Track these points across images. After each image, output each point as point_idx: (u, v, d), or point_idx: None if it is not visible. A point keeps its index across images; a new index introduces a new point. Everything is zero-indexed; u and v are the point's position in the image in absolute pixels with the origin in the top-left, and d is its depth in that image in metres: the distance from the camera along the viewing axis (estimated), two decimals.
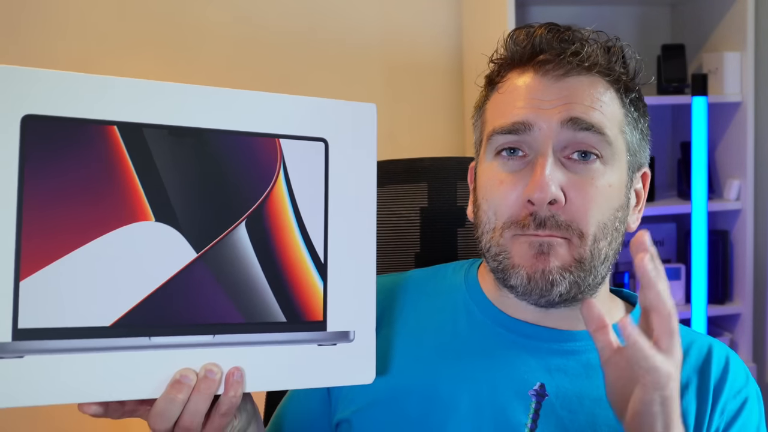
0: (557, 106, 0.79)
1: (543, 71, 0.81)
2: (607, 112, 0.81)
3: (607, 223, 0.80)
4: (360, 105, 0.80)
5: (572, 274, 0.79)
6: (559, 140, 0.79)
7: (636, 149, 0.85)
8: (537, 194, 0.77)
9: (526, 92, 0.81)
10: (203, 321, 0.72)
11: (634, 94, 0.84)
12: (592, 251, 0.79)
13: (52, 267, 0.67)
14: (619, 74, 0.83)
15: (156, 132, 0.71)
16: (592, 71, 0.81)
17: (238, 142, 0.74)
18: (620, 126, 0.82)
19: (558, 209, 0.78)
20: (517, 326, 0.85)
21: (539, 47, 0.82)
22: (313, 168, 0.77)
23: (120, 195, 0.70)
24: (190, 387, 0.70)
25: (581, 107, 0.79)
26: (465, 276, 0.91)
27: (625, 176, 0.83)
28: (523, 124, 0.80)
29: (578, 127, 0.79)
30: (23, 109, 0.67)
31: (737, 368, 0.86)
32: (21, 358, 0.66)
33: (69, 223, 0.68)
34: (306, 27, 2.31)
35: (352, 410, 0.85)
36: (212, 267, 0.73)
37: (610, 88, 0.82)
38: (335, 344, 0.77)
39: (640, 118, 0.85)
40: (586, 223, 0.79)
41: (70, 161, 0.68)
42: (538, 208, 0.78)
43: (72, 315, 0.68)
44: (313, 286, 0.77)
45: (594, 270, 0.80)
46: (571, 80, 0.81)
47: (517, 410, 0.80)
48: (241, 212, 0.74)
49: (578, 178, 0.79)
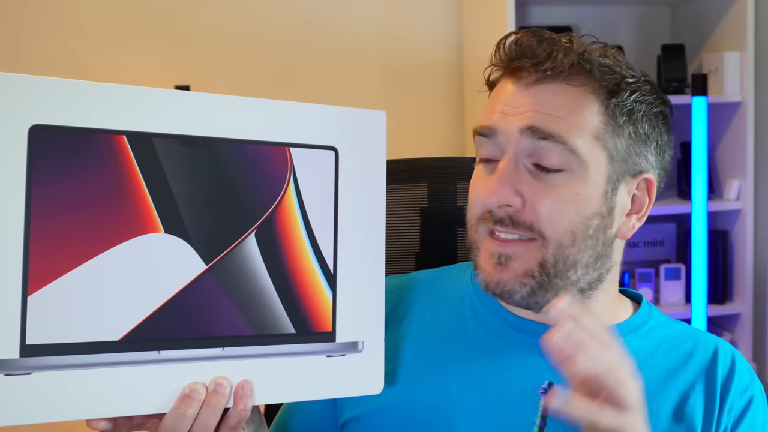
0: (522, 113, 0.80)
1: (517, 77, 0.82)
2: (576, 120, 0.80)
3: (575, 230, 0.80)
4: (370, 112, 0.79)
5: (535, 279, 0.80)
6: (522, 147, 0.80)
7: (624, 156, 0.83)
8: (489, 197, 0.80)
9: (502, 98, 0.83)
10: (212, 334, 0.71)
11: (620, 98, 0.82)
12: (555, 256, 0.79)
13: (60, 281, 0.66)
14: (602, 81, 0.81)
15: (165, 141, 0.70)
16: (562, 78, 0.80)
17: (248, 151, 0.73)
18: (595, 134, 0.80)
19: (513, 212, 0.79)
20: (524, 325, 0.85)
21: (516, 53, 0.82)
22: (323, 177, 0.76)
23: (129, 206, 0.69)
24: (200, 401, 0.70)
25: (543, 116, 0.79)
26: (471, 276, 0.91)
27: (602, 184, 0.81)
28: (489, 128, 0.82)
29: (536, 136, 0.79)
30: (30, 119, 0.65)
31: (743, 367, 0.87)
32: (29, 374, 0.65)
33: (77, 235, 0.67)
34: (305, 27, 2.31)
35: (360, 409, 0.85)
36: (221, 279, 0.72)
37: (586, 95, 0.81)
38: (344, 355, 0.77)
39: (629, 123, 0.82)
40: (548, 227, 0.79)
41: (78, 172, 0.67)
42: (493, 209, 0.80)
43: (80, 330, 0.66)
44: (322, 296, 0.76)
45: (562, 275, 0.80)
46: (541, 88, 0.81)
47: (525, 408, 0.80)
48: (250, 222, 0.73)
49: (541, 185, 0.79)
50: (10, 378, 0.64)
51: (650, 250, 2.40)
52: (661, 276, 2.26)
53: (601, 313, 0.86)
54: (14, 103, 0.65)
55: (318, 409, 0.89)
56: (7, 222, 0.65)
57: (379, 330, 0.79)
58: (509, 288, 0.80)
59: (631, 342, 0.85)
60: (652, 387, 0.83)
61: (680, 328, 0.90)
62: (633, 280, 2.29)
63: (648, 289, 2.26)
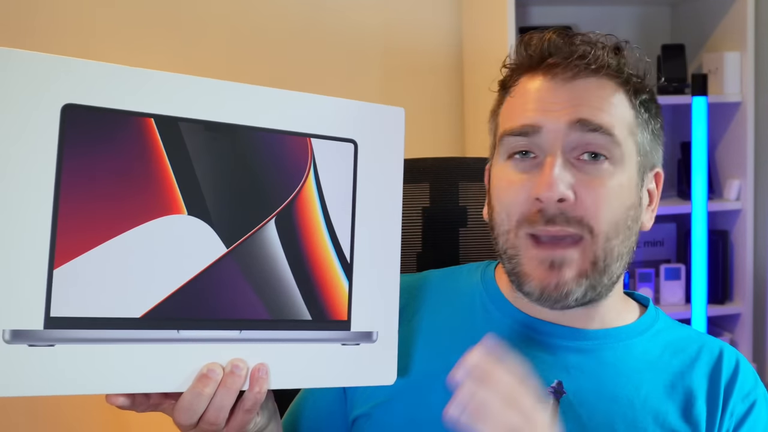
0: (566, 108, 0.80)
1: (552, 74, 0.82)
2: (616, 113, 0.81)
3: (618, 221, 0.81)
4: (389, 108, 0.81)
5: (588, 278, 0.80)
6: (567, 141, 0.80)
7: (647, 150, 0.85)
8: (545, 192, 0.78)
9: (536, 95, 0.82)
10: (231, 316, 0.72)
11: (644, 95, 0.85)
12: (605, 249, 0.80)
13: (85, 256, 0.67)
14: (629, 76, 0.83)
15: (192, 126, 0.71)
16: (601, 73, 0.82)
17: (270, 140, 0.74)
18: (630, 127, 0.83)
19: (567, 207, 0.79)
20: (534, 324, 0.85)
21: (548, 51, 0.83)
22: (342, 168, 0.78)
23: (154, 187, 0.70)
24: (217, 381, 0.70)
25: (589, 109, 0.80)
26: (482, 275, 0.92)
27: (635, 176, 0.83)
28: (532, 126, 0.81)
29: (586, 128, 0.79)
30: (63, 98, 0.67)
31: (746, 372, 0.87)
32: (52, 346, 0.66)
33: (104, 213, 0.68)
34: (305, 27, 2.31)
35: (371, 405, 0.86)
36: (241, 263, 0.73)
37: (619, 89, 0.83)
38: (358, 344, 0.78)
39: (651, 119, 0.86)
40: (597, 221, 0.79)
41: (106, 151, 0.68)
42: (546, 206, 0.79)
43: (103, 305, 0.68)
44: (338, 285, 0.77)
45: (608, 269, 0.81)
46: (580, 83, 0.81)
47: None
48: (271, 209, 0.74)
49: (588, 178, 0.80)
50: (33, 349, 0.66)
51: (650, 250, 2.40)
52: (661, 276, 2.27)
53: (610, 313, 0.86)
54: (48, 82, 0.67)
55: (328, 403, 0.89)
56: (37, 196, 0.66)
57: (394, 321, 0.80)
58: (567, 291, 0.79)
59: (639, 344, 0.86)
60: (659, 389, 0.83)
61: (686, 332, 0.91)
62: (633, 280, 2.29)
63: (648, 289, 2.26)
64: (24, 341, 0.65)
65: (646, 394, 0.83)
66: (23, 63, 0.66)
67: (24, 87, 0.66)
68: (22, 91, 0.66)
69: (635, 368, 0.84)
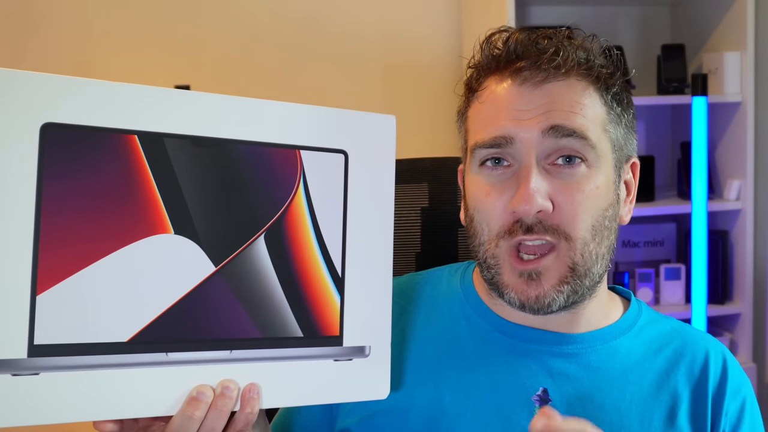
0: (537, 115, 0.78)
1: (521, 79, 0.80)
2: (589, 114, 0.80)
3: (596, 224, 0.79)
4: (380, 117, 0.79)
5: (568, 284, 0.79)
6: (542, 149, 0.78)
7: (622, 144, 0.84)
8: (522, 207, 0.77)
9: (506, 103, 0.80)
10: (220, 336, 0.71)
11: (615, 88, 0.83)
12: (583, 254, 0.79)
13: (69, 281, 0.65)
14: (598, 72, 0.81)
15: (176, 142, 0.69)
16: (570, 74, 0.80)
17: (258, 153, 0.72)
18: (603, 125, 0.81)
19: (545, 216, 0.78)
20: (517, 331, 0.84)
21: (515, 53, 0.81)
22: (332, 180, 0.76)
23: (140, 207, 0.68)
24: (207, 404, 0.69)
25: (561, 114, 0.78)
26: (461, 281, 0.91)
27: (612, 174, 0.82)
28: (505, 138, 0.79)
29: (559, 134, 0.78)
30: (43, 117, 0.65)
31: (734, 368, 0.87)
32: (36, 375, 0.64)
33: (87, 235, 0.66)
34: (305, 27, 2.31)
35: (356, 419, 0.85)
36: (230, 281, 0.71)
37: (589, 87, 0.81)
38: (351, 359, 0.76)
39: (623, 112, 0.84)
40: (574, 227, 0.78)
41: (89, 171, 0.66)
42: (524, 217, 0.78)
43: (89, 330, 0.66)
44: (330, 300, 0.76)
45: (589, 272, 0.80)
46: (550, 86, 0.79)
47: (521, 416, 0.80)
48: (260, 225, 0.72)
49: (564, 184, 0.78)
50: (17, 378, 0.64)
51: (650, 250, 2.40)
52: (661, 276, 2.26)
53: (596, 314, 0.86)
54: (27, 100, 0.64)
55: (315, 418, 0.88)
56: (17, 220, 0.64)
57: (386, 335, 0.78)
58: (548, 301, 0.78)
59: (623, 343, 0.85)
60: (644, 391, 0.83)
61: (670, 325, 0.90)
62: (633, 280, 2.29)
63: (648, 289, 2.26)
64: (7, 371, 0.63)
65: (632, 397, 0.82)
66: (1, 81, 0.64)
67: (2, 106, 0.63)
68: (0, 111, 0.63)
69: (620, 370, 0.84)
